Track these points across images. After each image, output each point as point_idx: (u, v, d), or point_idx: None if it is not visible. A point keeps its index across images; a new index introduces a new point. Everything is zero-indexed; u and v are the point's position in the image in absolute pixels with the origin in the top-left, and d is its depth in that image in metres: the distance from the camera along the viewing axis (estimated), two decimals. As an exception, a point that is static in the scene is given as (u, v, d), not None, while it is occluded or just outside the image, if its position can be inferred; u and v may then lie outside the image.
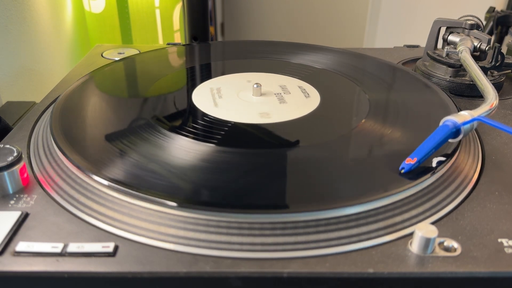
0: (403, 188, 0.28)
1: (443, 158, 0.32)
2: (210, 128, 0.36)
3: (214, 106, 0.40)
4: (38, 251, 0.25)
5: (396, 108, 0.41)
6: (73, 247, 0.25)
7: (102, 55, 0.58)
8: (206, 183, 0.29)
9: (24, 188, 0.30)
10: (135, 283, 0.24)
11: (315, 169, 0.31)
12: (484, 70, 0.46)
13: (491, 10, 0.96)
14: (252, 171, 0.31)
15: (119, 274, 0.24)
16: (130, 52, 0.59)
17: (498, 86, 0.48)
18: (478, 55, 0.48)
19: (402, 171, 0.30)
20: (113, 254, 0.25)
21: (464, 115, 0.32)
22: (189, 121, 0.38)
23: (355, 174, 0.31)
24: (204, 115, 0.39)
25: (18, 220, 0.27)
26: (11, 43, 0.63)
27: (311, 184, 0.29)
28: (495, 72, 0.48)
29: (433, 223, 0.28)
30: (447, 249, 0.25)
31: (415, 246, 0.25)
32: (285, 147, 0.34)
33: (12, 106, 0.53)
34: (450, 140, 0.32)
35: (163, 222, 0.26)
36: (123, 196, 0.28)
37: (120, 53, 0.59)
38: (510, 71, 0.49)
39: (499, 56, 0.47)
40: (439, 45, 0.53)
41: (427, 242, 0.24)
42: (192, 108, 0.40)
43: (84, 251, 0.25)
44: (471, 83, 0.47)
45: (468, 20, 0.50)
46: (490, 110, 0.34)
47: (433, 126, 0.32)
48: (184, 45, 0.61)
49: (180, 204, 0.27)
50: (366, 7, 1.38)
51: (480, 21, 0.51)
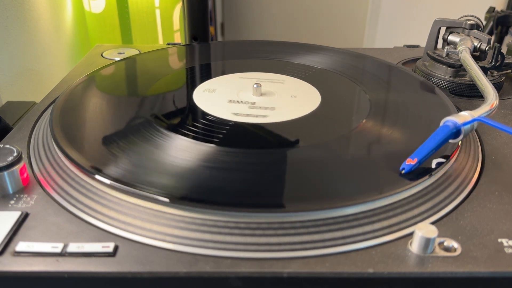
0: (403, 188, 0.29)
1: (443, 159, 0.32)
2: (211, 128, 0.36)
3: (214, 106, 0.40)
4: (38, 251, 0.25)
5: (397, 109, 0.41)
6: (73, 247, 0.25)
7: (102, 55, 0.58)
8: (206, 183, 0.29)
9: (24, 188, 0.30)
10: (135, 283, 0.24)
11: (315, 169, 0.31)
12: (484, 70, 0.46)
13: (491, 10, 0.96)
14: (252, 171, 0.31)
15: (119, 274, 0.24)
16: (130, 52, 0.59)
17: (498, 86, 0.48)
18: (478, 55, 0.48)
19: (403, 172, 0.30)
20: (113, 254, 0.25)
21: (465, 116, 0.32)
22: (189, 121, 0.38)
23: (355, 174, 0.31)
24: (205, 115, 0.39)
25: (18, 220, 0.27)
26: (11, 43, 0.63)
27: (311, 184, 0.29)
28: (495, 72, 0.48)
29: (433, 223, 0.27)
30: (447, 249, 0.25)
31: (415, 246, 0.25)
32: (285, 147, 0.34)
33: (12, 106, 0.53)
34: (451, 141, 0.32)
35: (163, 222, 0.26)
36: (123, 196, 0.28)
37: (120, 53, 0.58)
38: (510, 71, 0.48)
39: (499, 56, 0.47)
40: (439, 45, 0.53)
41: (427, 242, 0.24)
42: (192, 108, 0.40)
43: (84, 251, 0.25)
44: (471, 83, 0.47)
45: (468, 20, 0.50)
46: (490, 110, 0.34)
47: (433, 127, 0.32)
48: (184, 45, 0.61)
49: (180, 204, 0.27)
50: (366, 7, 1.38)
51: (480, 21, 0.51)
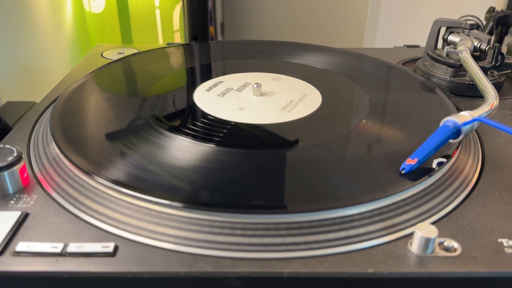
0: (403, 188, 0.28)
1: (443, 159, 0.32)
2: (210, 128, 0.36)
3: (214, 106, 0.40)
4: (38, 251, 0.25)
5: (396, 109, 0.41)
6: (73, 247, 0.25)
7: (102, 55, 0.58)
8: (206, 183, 0.29)
9: (24, 188, 0.30)
10: (135, 283, 0.24)
11: (315, 169, 0.31)
12: (484, 70, 0.46)
13: (491, 10, 0.96)
14: (252, 171, 0.31)
15: (119, 274, 0.24)
16: (130, 52, 0.58)
17: (498, 86, 0.48)
18: (478, 55, 0.48)
19: (403, 172, 0.30)
20: (113, 254, 0.25)
21: (465, 116, 0.32)
22: (189, 121, 0.38)
23: (355, 174, 0.31)
24: (204, 115, 0.39)
25: (18, 220, 0.27)
26: (11, 43, 0.63)
27: (311, 184, 0.29)
28: (495, 72, 0.48)
29: (433, 223, 0.28)
30: (447, 249, 0.25)
31: (415, 246, 0.25)
32: (285, 147, 0.34)
33: (12, 106, 0.53)
34: (451, 141, 0.32)
35: (163, 222, 0.26)
36: (123, 196, 0.28)
37: (120, 53, 0.58)
38: (510, 71, 0.48)
39: (499, 56, 0.47)
40: (439, 45, 0.53)
41: (427, 242, 0.24)
42: (192, 108, 0.40)
43: (84, 251, 0.25)
44: (471, 83, 0.46)
45: (468, 20, 0.50)
46: (490, 110, 0.34)
47: (433, 127, 0.32)
48: (184, 45, 0.61)
49: (180, 204, 0.27)
50: (366, 7, 1.38)
51: (480, 21, 0.51)
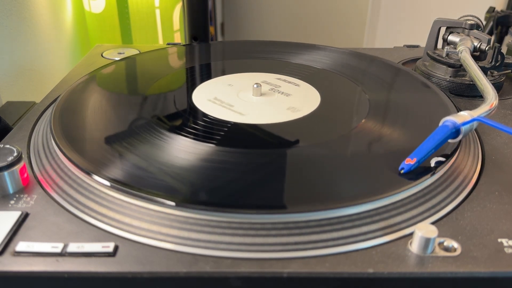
0: (403, 188, 0.28)
1: (443, 158, 0.32)
2: (210, 128, 0.36)
3: (214, 106, 0.40)
4: (38, 251, 0.25)
5: (396, 108, 0.41)
6: (73, 247, 0.25)
7: (102, 55, 0.58)
8: (206, 183, 0.29)
9: (24, 188, 0.30)
10: (135, 283, 0.24)
11: (315, 169, 0.31)
12: (484, 70, 0.46)
13: (491, 10, 0.96)
14: (252, 171, 0.31)
15: (119, 274, 0.24)
16: (130, 52, 0.59)
17: (498, 86, 0.48)
18: (478, 55, 0.48)
19: (402, 171, 0.30)
20: (113, 254, 0.25)
21: (464, 115, 0.32)
22: (189, 121, 0.38)
23: (355, 174, 0.31)
24: (204, 115, 0.39)
25: (18, 220, 0.27)
26: (11, 43, 0.63)
27: (311, 184, 0.29)
28: (495, 72, 0.48)
29: (433, 223, 0.28)
30: (447, 249, 0.25)
31: (415, 246, 0.25)
32: (285, 147, 0.34)
33: (12, 106, 0.53)
34: (450, 141, 0.32)
35: (163, 222, 0.26)
36: (123, 196, 0.28)
37: (120, 53, 0.59)
38: (510, 71, 0.49)
39: (499, 56, 0.47)
40: (439, 45, 0.53)
41: (427, 242, 0.24)
42: (192, 108, 0.40)
43: (84, 251, 0.25)
44: (471, 83, 0.46)
45: (468, 20, 0.50)
46: (490, 110, 0.34)
47: (432, 126, 0.32)
48: (184, 45, 0.61)
49: (180, 204, 0.27)
50: (366, 7, 1.38)
51: (480, 21, 0.51)
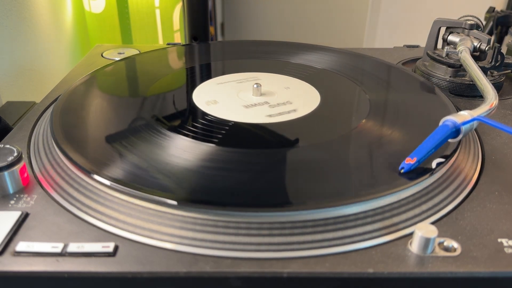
0: (403, 188, 0.28)
1: (443, 158, 0.32)
2: (210, 128, 0.36)
3: (214, 106, 0.40)
4: (38, 251, 0.25)
5: (396, 108, 0.41)
6: (73, 247, 0.25)
7: (102, 55, 0.58)
8: (206, 183, 0.29)
9: (24, 188, 0.30)
10: (135, 283, 0.24)
11: (315, 169, 0.31)
12: (484, 70, 0.46)
13: (491, 10, 0.96)
14: (252, 171, 0.31)
15: (119, 274, 0.24)
16: (130, 52, 0.59)
17: (498, 86, 0.48)
18: (478, 55, 0.48)
19: (402, 171, 0.30)
20: (113, 254, 0.25)
21: (464, 115, 0.32)
22: (189, 120, 0.38)
23: (355, 174, 0.31)
24: (204, 114, 0.39)
25: (18, 220, 0.27)
26: (11, 43, 0.63)
27: (311, 184, 0.29)
28: (495, 72, 0.48)
29: (433, 223, 0.28)
30: (447, 249, 0.25)
31: (415, 246, 0.25)
32: (285, 147, 0.34)
33: (12, 106, 0.53)
34: (450, 140, 0.32)
35: (163, 222, 0.26)
36: (123, 196, 0.28)
37: (120, 53, 0.59)
38: (510, 71, 0.49)
39: (499, 56, 0.47)
40: (439, 45, 0.53)
41: (427, 242, 0.24)
42: (192, 108, 0.40)
43: (84, 251, 0.25)
44: (471, 83, 0.47)
45: (468, 20, 0.50)
46: (490, 110, 0.34)
47: (432, 126, 0.32)
48: (184, 45, 0.61)
49: (180, 203, 0.27)
50: (366, 7, 1.38)
51: (480, 21, 0.51)
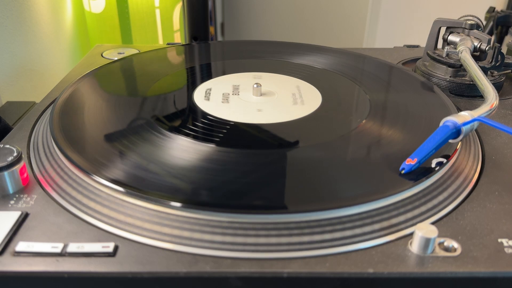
0: (403, 188, 0.28)
1: (443, 159, 0.32)
2: (210, 128, 0.36)
3: (214, 106, 0.40)
4: (38, 251, 0.25)
5: (396, 109, 0.41)
6: (73, 247, 0.25)
7: (102, 55, 0.58)
8: (206, 183, 0.29)
9: (24, 188, 0.30)
10: (135, 283, 0.24)
11: (315, 169, 0.31)
12: (484, 70, 0.46)
13: (491, 10, 0.96)
14: (252, 171, 0.31)
15: (119, 274, 0.24)
16: (130, 52, 0.59)
17: (498, 86, 0.48)
18: (478, 55, 0.48)
19: (403, 172, 0.30)
20: (113, 254, 0.25)
21: (464, 116, 0.32)
22: (189, 121, 0.38)
23: (355, 174, 0.31)
24: (204, 115, 0.39)
25: (18, 220, 0.27)
26: (11, 43, 0.63)
27: (311, 184, 0.29)
28: (495, 72, 0.48)
29: (433, 223, 0.28)
30: (447, 249, 0.25)
31: (415, 246, 0.25)
32: (285, 147, 0.34)
33: (12, 106, 0.53)
34: (451, 141, 0.32)
35: (163, 222, 0.26)
36: (123, 196, 0.28)
37: (120, 53, 0.59)
38: (510, 71, 0.49)
39: (499, 56, 0.47)
40: (439, 45, 0.53)
41: (427, 242, 0.24)
42: (192, 108, 0.40)
43: (84, 251, 0.25)
44: (471, 83, 0.47)
45: (468, 20, 0.50)
46: (490, 110, 0.34)
47: (433, 127, 0.32)
48: (184, 45, 0.61)
49: (180, 204, 0.27)
50: (366, 7, 1.38)
51: (480, 21, 0.51)
